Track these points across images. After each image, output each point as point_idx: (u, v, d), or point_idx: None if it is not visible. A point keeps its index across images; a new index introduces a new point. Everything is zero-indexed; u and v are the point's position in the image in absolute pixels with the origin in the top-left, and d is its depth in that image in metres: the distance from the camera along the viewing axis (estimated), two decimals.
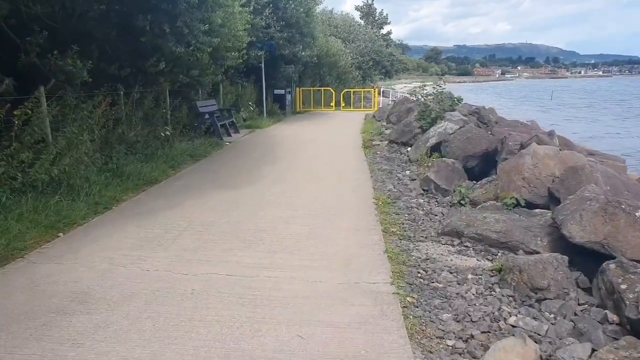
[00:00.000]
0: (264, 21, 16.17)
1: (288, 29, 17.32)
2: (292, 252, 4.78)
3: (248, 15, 14.28)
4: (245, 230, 5.46)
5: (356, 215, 6.17)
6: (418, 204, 7.08)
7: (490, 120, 13.65)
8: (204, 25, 8.81)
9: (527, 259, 4.00)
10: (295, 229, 5.53)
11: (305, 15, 18.06)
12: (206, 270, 4.27)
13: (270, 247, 4.92)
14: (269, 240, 5.13)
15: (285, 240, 5.12)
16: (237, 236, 5.25)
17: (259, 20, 15.84)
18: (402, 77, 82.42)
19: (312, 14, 19.33)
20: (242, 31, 12.88)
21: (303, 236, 5.27)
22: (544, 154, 6.61)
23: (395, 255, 4.78)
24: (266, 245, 4.97)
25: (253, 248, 4.87)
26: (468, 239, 5.28)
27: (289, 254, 4.73)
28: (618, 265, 3.96)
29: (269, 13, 16.24)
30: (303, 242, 5.10)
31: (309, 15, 18.61)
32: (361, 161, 10.31)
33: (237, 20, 12.14)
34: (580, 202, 4.56)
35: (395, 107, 18.82)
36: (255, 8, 15.60)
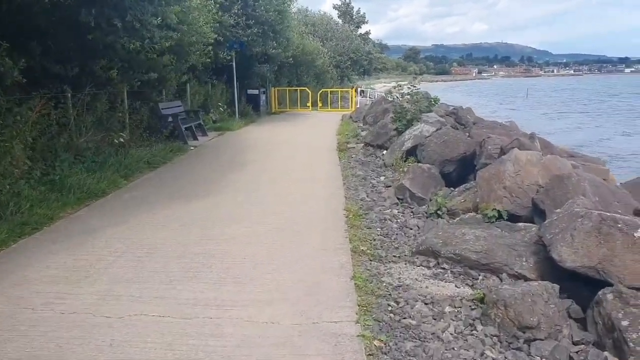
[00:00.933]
0: (233, 19, 15.37)
1: (259, 27, 16.57)
2: (244, 282, 4.12)
3: (215, 12, 13.53)
4: (193, 254, 4.77)
5: (324, 231, 5.54)
6: (392, 215, 6.49)
7: (468, 121, 13.20)
8: (156, 19, 8.05)
9: (513, 291, 3.43)
10: (252, 250, 4.87)
11: (277, 13, 17.34)
12: (136, 310, 3.58)
13: (219, 276, 4.25)
14: (220, 267, 4.45)
15: (238, 267, 4.45)
16: (182, 262, 4.56)
17: (228, 18, 15.06)
18: (381, 77, 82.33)
19: (285, 12, 18.63)
20: (206, 26, 12.10)
21: (260, 260, 4.62)
22: (526, 160, 6.09)
23: (364, 283, 4.16)
24: (215, 273, 4.30)
25: (199, 278, 4.19)
26: (445, 259, 4.70)
27: (240, 285, 4.06)
28: (616, 295, 3.42)
29: (238, 10, 15.45)
30: (259, 267, 4.44)
31: (282, 12, 17.90)
32: (335, 166, 9.70)
33: (199, 15, 11.38)
34: (571, 220, 4.02)
35: (372, 107, 18.27)
36: (223, 5, 14.81)
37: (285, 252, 4.81)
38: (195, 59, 12.01)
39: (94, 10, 6.90)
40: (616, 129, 28.84)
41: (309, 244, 5.05)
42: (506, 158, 6.17)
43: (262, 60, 18.48)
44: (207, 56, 12.62)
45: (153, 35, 8.43)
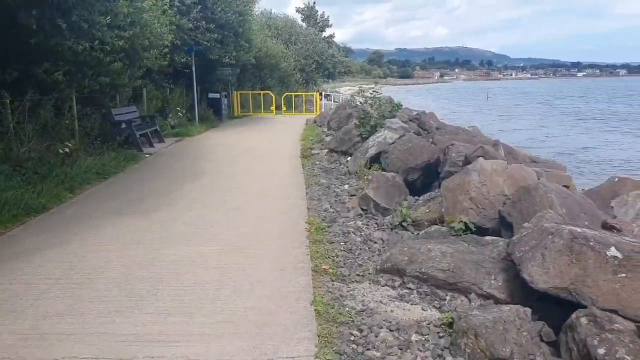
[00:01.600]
0: (192, 23, 14.80)
1: (219, 31, 16.04)
2: (193, 311, 3.73)
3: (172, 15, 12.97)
4: (138, 279, 4.34)
5: (283, 248, 5.19)
6: (356, 227, 6.22)
7: (431, 127, 13.15)
8: (105, 18, 7.49)
9: (484, 318, 3.18)
10: (204, 274, 4.48)
11: (238, 16, 16.85)
12: (63, 351, 3.14)
13: (164, 305, 3.84)
14: (166, 294, 4.05)
15: (187, 294, 4.05)
16: (125, 289, 4.12)
17: (186, 21, 14.48)
18: (346, 80, 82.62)
19: (247, 15, 18.16)
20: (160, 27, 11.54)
21: (212, 285, 4.23)
22: (491, 169, 5.93)
23: (325, 308, 3.84)
24: (160, 302, 3.89)
25: (141, 308, 3.77)
26: (411, 278, 4.44)
27: (188, 315, 3.67)
28: (590, 319, 3.23)
29: (197, 14, 14.88)
30: (210, 294, 4.06)
31: (243, 15, 17.42)
32: (298, 174, 9.36)
33: (154, 18, 10.84)
34: (541, 236, 3.83)
35: (336, 112, 18.06)
36: (181, 9, 14.23)
37: (240, 275, 4.44)
38: (151, 63, 11.43)
39: (34, 11, 6.33)
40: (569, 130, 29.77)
41: (267, 265, 4.69)
42: (471, 168, 6.00)
43: (223, 63, 17.94)
44: (163, 59, 12.05)
45: (103, 36, 7.87)
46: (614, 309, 3.35)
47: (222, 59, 17.13)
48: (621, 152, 21.97)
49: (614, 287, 3.40)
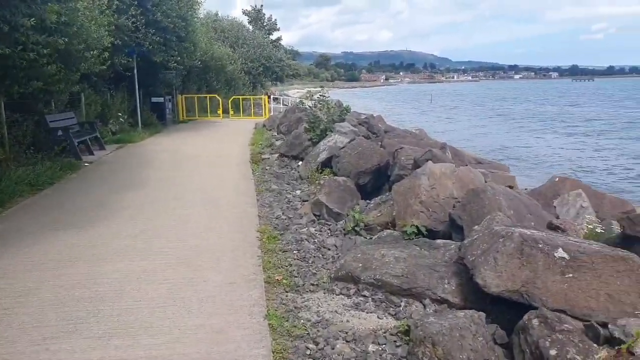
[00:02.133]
0: (131, 22, 14.16)
1: (161, 33, 15.47)
2: (138, 332, 3.49)
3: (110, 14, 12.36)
4: (77, 299, 4.02)
5: (234, 259, 5.00)
6: (309, 234, 6.12)
7: (380, 130, 13.30)
8: (29, 19, 6.97)
9: (440, 326, 3.16)
10: (149, 291, 4.22)
11: (181, 21, 16.33)
12: None
13: (107, 326, 3.57)
14: (109, 314, 3.77)
15: (131, 313, 3.80)
16: (62, 311, 3.81)
17: (125, 20, 13.85)
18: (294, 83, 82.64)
19: (191, 17, 17.65)
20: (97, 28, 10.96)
21: (158, 302, 3.99)
22: (440, 173, 6.01)
23: (279, 322, 3.71)
24: (102, 324, 3.61)
25: (80, 332, 3.49)
26: (366, 285, 4.39)
27: (132, 337, 3.43)
28: (542, 320, 3.27)
29: (136, 13, 14.25)
30: (157, 312, 3.82)
31: (187, 17, 16.92)
32: (248, 180, 9.15)
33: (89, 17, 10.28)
34: (492, 240, 3.87)
35: (286, 115, 17.94)
36: (119, 7, 13.59)
37: (189, 291, 4.22)
38: (89, 66, 10.83)
39: None
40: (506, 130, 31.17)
41: (217, 279, 4.50)
42: (420, 172, 6.05)
43: (167, 66, 17.35)
44: (102, 63, 11.46)
45: (28, 39, 7.31)
46: (563, 309, 3.42)
47: (165, 61, 16.55)
48: (554, 150, 23.20)
49: (562, 287, 3.48)
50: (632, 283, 3.47)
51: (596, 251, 3.58)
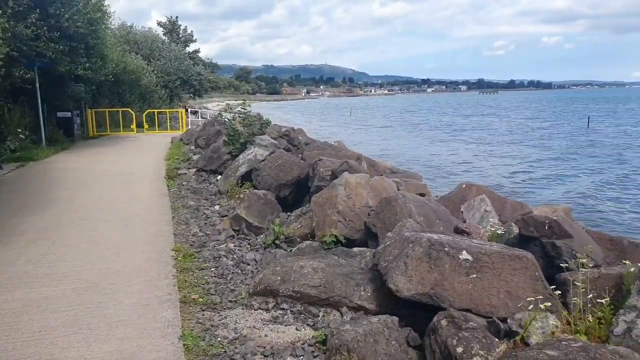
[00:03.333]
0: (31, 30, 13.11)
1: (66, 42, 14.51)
2: None
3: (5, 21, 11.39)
4: None
5: (148, 280, 4.79)
6: (228, 250, 6.01)
7: (300, 142, 13.44)
8: None
9: (355, 333, 3.23)
10: (50, 319, 3.91)
11: (89, 26, 15.41)
12: None
13: None
14: (2, 349, 3.44)
15: (30, 345, 3.49)
16: None
17: (23, 28, 12.81)
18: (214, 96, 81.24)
19: (99, 25, 16.76)
20: None
21: (62, 331, 3.71)
22: (356, 183, 6.18)
23: (195, 342, 3.60)
24: None
25: None
26: (285, 298, 4.39)
27: None
28: (449, 320, 3.46)
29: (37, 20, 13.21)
30: (60, 342, 3.55)
31: (94, 25, 16.00)
32: (163, 197, 8.81)
33: None
34: (403, 245, 4.04)
35: (204, 129, 17.58)
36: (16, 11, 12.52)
37: (97, 317, 3.97)
38: None
39: None
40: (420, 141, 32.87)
41: (128, 301, 4.27)
42: (337, 182, 6.19)
43: (75, 78, 16.29)
44: None
45: None
46: (469, 308, 3.64)
47: (72, 73, 15.54)
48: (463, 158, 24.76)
49: (468, 287, 3.70)
50: (527, 279, 3.78)
51: (496, 252, 3.86)
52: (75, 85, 18.22)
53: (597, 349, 2.80)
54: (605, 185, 17.33)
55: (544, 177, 19.53)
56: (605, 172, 20.07)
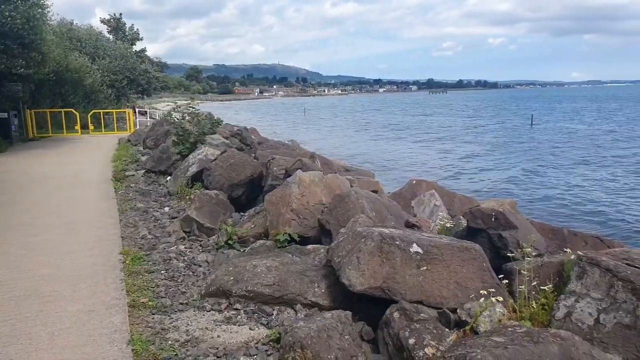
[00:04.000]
0: None
1: (2, 39, 13.68)
2: None
3: None
4: None
5: (94, 286, 4.58)
6: (179, 252, 5.86)
7: (253, 142, 13.32)
8: None
9: (308, 329, 3.21)
10: None
11: (25, 21, 14.60)
12: None
13: None
14: None
15: None
16: None
17: None
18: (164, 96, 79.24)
19: (37, 22, 15.91)
20: None
21: (2, 342, 3.48)
22: (309, 181, 6.18)
23: (144, 346, 3.47)
24: None
25: None
26: (238, 298, 4.32)
27: None
28: (401, 312, 3.51)
29: None
30: (2, 353, 3.34)
31: (32, 21, 15.17)
32: (109, 199, 8.49)
33: None
34: (355, 240, 4.06)
35: (153, 129, 17.12)
36: None
37: (37, 326, 3.75)
38: None
39: None
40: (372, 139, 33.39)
41: (73, 308, 4.08)
42: (291, 180, 6.16)
43: (11, 78, 15.40)
44: None
45: None
46: (420, 299, 3.71)
47: (8, 72, 14.69)
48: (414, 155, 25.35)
49: (419, 280, 3.77)
50: (475, 270, 3.90)
51: (445, 244, 3.95)
52: (12, 85, 17.23)
53: (540, 333, 2.92)
54: (548, 179, 18.20)
55: (490, 172, 20.29)
56: (548, 167, 21.07)
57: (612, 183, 17.32)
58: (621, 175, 18.70)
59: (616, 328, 3.18)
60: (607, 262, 3.46)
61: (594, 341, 3.17)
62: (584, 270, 3.52)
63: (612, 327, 3.20)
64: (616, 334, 3.16)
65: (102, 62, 33.39)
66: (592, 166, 20.96)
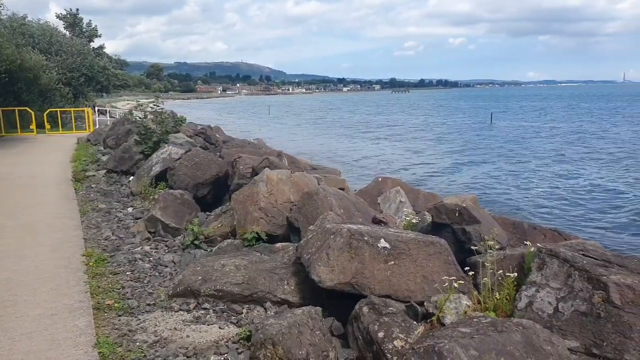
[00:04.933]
0: None
1: None
2: None
3: None
4: None
5: (56, 289, 4.44)
6: (144, 253, 5.76)
7: (218, 140, 13.20)
8: None
9: (279, 326, 3.23)
10: None
11: None
12: None
13: None
14: None
15: None
16: None
17: None
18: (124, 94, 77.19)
19: None
20: None
21: None
22: (277, 179, 6.18)
23: (112, 349, 3.40)
24: None
25: None
26: (206, 297, 4.28)
27: None
28: (370, 307, 3.58)
29: None
30: None
31: None
32: (70, 201, 8.23)
33: None
34: (324, 237, 4.10)
35: (113, 128, 16.68)
36: None
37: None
38: None
39: None
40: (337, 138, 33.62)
41: (34, 313, 3.95)
42: (258, 179, 6.15)
43: None
44: None
45: None
46: (389, 294, 3.79)
47: None
48: (379, 153, 25.65)
49: (387, 274, 3.84)
50: (441, 264, 4.01)
51: (411, 239, 4.05)
52: None
53: (504, 322, 3.04)
54: (507, 175, 18.79)
55: (452, 169, 20.78)
56: (507, 163, 21.75)
57: (569, 178, 18.07)
58: (577, 170, 19.54)
59: (574, 315, 3.34)
60: (565, 253, 3.64)
61: (554, 328, 3.32)
62: (543, 262, 3.68)
63: (570, 314, 3.36)
64: (574, 321, 3.33)
65: (58, 59, 32.16)
66: (549, 162, 21.78)
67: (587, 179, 17.83)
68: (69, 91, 32.09)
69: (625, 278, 3.29)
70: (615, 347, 3.08)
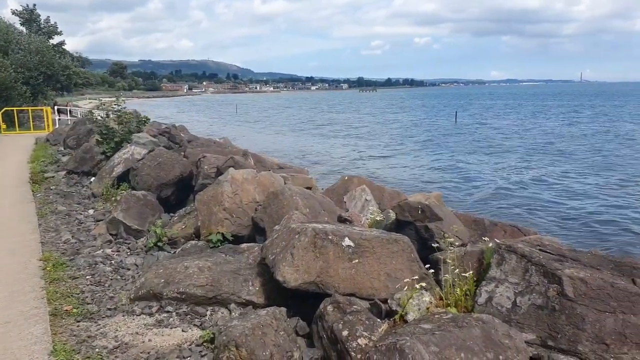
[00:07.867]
0: None
1: None
2: None
3: None
4: None
5: (10, 296, 4.28)
6: (105, 256, 5.61)
7: (183, 140, 12.94)
8: None
9: (243, 327, 3.20)
10: None
11: None
12: None
13: None
14: None
15: None
16: None
17: None
18: (86, 93, 74.94)
19: None
20: None
21: None
22: (242, 179, 6.13)
23: (69, 356, 3.31)
24: None
25: None
26: (169, 300, 4.21)
27: None
28: (335, 306, 3.59)
29: None
30: None
31: None
32: (27, 203, 7.94)
33: None
34: (289, 237, 4.09)
35: (74, 128, 16.13)
36: None
37: None
38: None
39: None
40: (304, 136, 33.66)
41: None
42: (223, 179, 6.08)
43: None
44: None
45: None
46: (353, 292, 3.81)
47: None
48: (346, 152, 25.80)
49: (351, 272, 3.87)
50: (404, 261, 4.06)
51: (375, 237, 4.08)
52: None
53: (464, 318, 3.11)
54: (471, 172, 19.23)
55: (417, 166, 21.11)
56: (471, 160, 22.25)
57: (529, 173, 18.64)
58: (536, 166, 20.18)
59: (530, 309, 3.45)
60: (522, 249, 3.74)
61: (512, 322, 3.42)
62: (502, 257, 3.78)
63: (527, 308, 3.46)
64: (530, 314, 3.43)
65: (15, 56, 30.90)
66: (511, 159, 22.40)
67: (547, 174, 18.44)
68: (26, 90, 30.90)
69: (579, 272, 3.42)
70: (569, 338, 3.20)
